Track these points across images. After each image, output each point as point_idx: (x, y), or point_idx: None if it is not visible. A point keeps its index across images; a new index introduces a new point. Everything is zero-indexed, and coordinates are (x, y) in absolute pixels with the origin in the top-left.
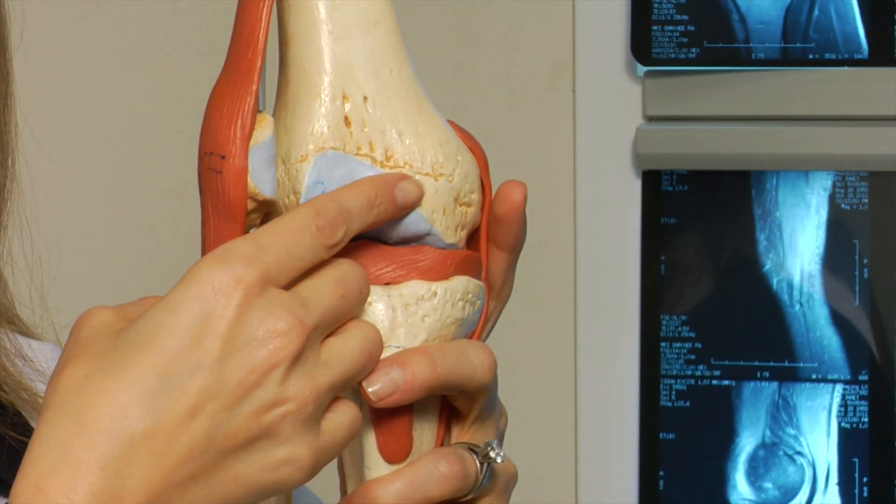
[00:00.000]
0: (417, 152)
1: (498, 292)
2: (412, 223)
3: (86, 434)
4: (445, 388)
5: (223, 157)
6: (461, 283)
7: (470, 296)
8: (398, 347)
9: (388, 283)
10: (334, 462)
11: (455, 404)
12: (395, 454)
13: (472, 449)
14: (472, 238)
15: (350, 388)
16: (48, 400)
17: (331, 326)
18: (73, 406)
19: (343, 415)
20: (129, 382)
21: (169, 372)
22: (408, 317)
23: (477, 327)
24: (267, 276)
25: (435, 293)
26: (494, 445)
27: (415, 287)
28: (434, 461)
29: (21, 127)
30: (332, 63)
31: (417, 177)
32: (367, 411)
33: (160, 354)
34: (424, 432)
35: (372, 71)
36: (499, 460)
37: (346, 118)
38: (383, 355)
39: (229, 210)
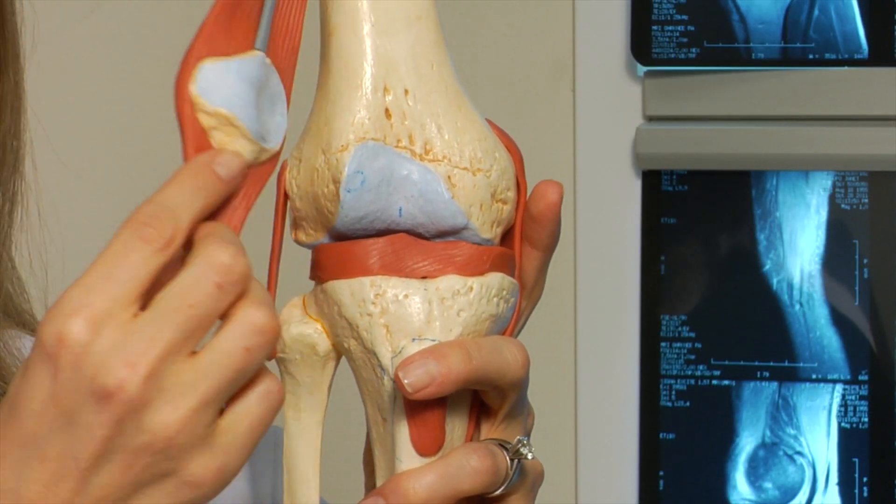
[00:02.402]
0: (456, 147)
1: (530, 291)
2: (450, 216)
3: None
4: (479, 383)
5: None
6: (496, 280)
7: (504, 292)
8: (433, 341)
9: (424, 277)
10: (343, 462)
11: (486, 400)
12: (428, 447)
13: (502, 445)
14: (507, 237)
15: (237, 387)
16: None
17: (191, 341)
18: None
19: (246, 405)
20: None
21: (28, 441)
22: (443, 311)
23: (509, 325)
24: (93, 319)
25: (471, 288)
26: (525, 442)
27: (451, 281)
28: (466, 455)
29: (35, 133)
30: (374, 56)
31: (456, 171)
32: (401, 403)
33: (18, 424)
34: (456, 427)
35: (413, 65)
36: (529, 457)
37: (386, 110)
38: (418, 348)
39: (179, 125)
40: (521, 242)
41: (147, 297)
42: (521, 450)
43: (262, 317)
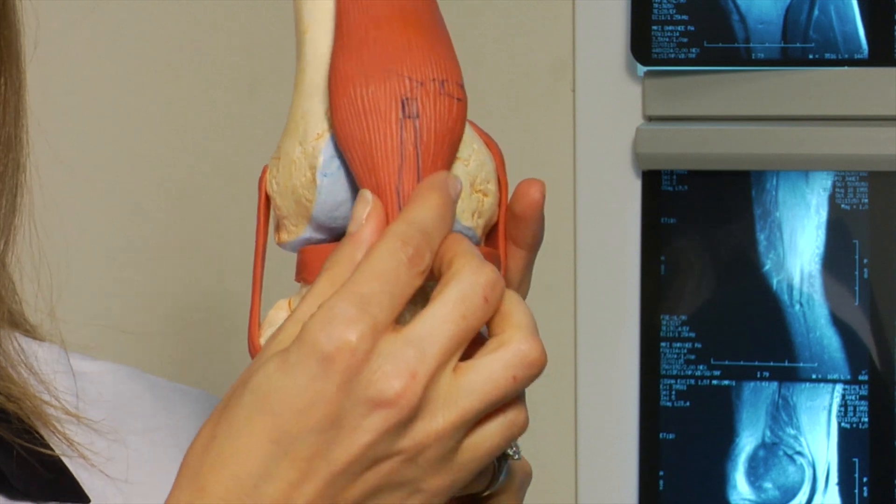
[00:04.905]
0: None
1: (516, 290)
2: None
3: (206, 498)
4: None
5: (461, 86)
6: None
7: None
8: None
9: None
10: None
11: None
12: None
13: None
14: (491, 236)
15: (492, 410)
16: (186, 455)
17: (458, 351)
18: (198, 468)
19: (490, 429)
20: (245, 449)
21: (281, 439)
22: None
23: None
24: (375, 328)
25: None
26: (513, 443)
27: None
28: None
29: (34, 133)
30: None
31: None
32: None
33: (273, 420)
34: None
35: None
36: (516, 458)
37: None
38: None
39: (454, 141)
40: (506, 241)
41: None
42: (508, 451)
43: (536, 351)
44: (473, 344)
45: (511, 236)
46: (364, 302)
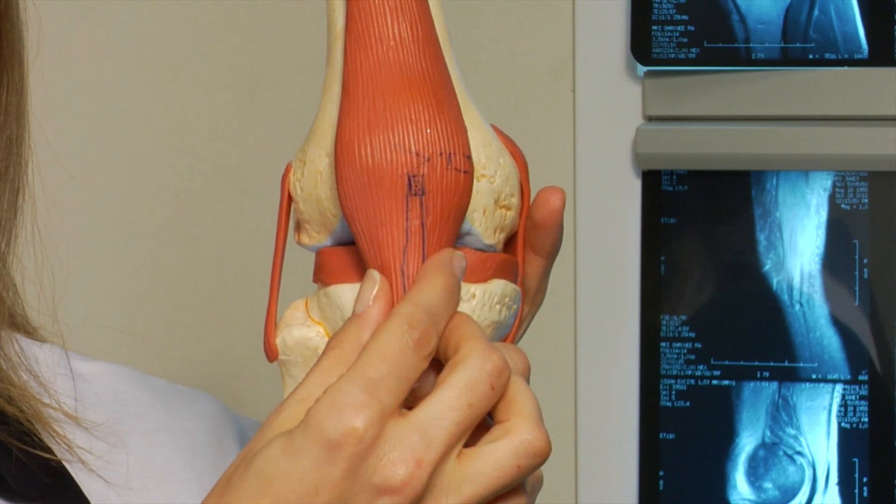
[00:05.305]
0: None
1: (532, 297)
2: None
3: None
4: None
5: (468, 158)
6: (499, 287)
7: (507, 299)
8: None
9: None
10: None
11: None
12: None
13: None
14: (510, 242)
15: (494, 498)
16: None
17: (463, 438)
18: None
19: None
20: None
21: None
22: None
23: (511, 331)
24: (382, 413)
25: (474, 295)
26: None
27: None
28: None
29: (35, 134)
30: None
31: None
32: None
33: (274, 503)
34: None
35: None
36: None
37: None
38: None
39: (459, 216)
40: (524, 248)
41: None
42: None
43: (540, 440)
44: (477, 428)
45: (529, 243)
46: (372, 386)
